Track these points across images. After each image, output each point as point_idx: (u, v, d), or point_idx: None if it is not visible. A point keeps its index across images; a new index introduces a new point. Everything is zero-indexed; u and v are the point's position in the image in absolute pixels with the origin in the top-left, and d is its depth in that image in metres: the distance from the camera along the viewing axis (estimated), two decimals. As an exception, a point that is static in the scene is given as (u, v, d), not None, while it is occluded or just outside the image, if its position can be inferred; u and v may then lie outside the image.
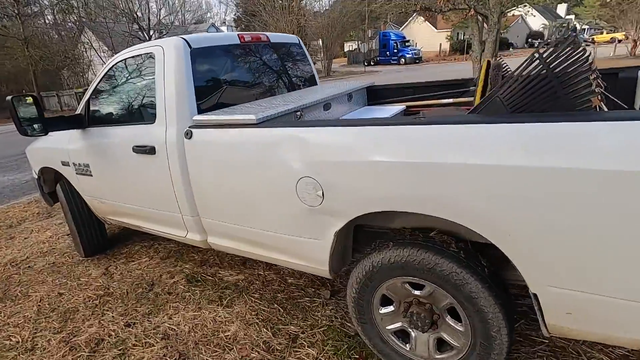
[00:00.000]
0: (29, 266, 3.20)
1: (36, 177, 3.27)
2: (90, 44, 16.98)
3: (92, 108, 2.55)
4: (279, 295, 2.38)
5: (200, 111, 2.06)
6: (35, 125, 2.30)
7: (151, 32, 17.06)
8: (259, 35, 2.57)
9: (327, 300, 2.27)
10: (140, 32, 16.81)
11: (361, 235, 1.85)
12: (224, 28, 33.08)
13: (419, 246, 1.46)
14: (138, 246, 3.32)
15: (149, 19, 16.89)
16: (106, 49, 17.88)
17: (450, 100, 2.54)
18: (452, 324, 1.51)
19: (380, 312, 1.67)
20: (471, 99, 2.45)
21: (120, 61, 2.34)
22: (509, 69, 2.43)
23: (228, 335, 2.07)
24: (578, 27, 46.76)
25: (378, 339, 1.71)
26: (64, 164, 2.79)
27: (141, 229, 2.67)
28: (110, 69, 2.40)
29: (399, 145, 1.33)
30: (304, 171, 1.56)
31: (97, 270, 2.98)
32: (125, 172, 2.35)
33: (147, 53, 2.17)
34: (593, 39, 34.27)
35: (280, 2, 22.72)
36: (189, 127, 1.95)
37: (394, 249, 1.51)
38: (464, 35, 34.99)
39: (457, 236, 1.50)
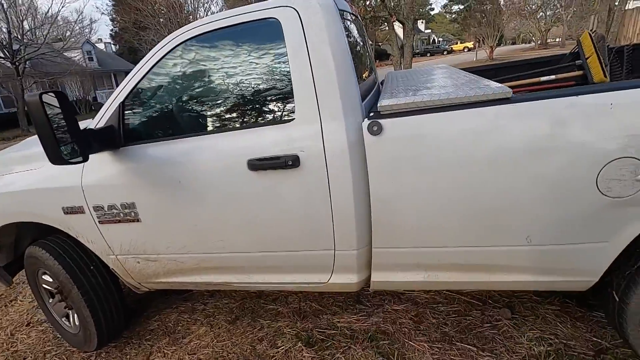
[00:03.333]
0: (-11, 392, 1.94)
1: (-15, 243, 2.02)
2: None
3: (133, 116, 1.63)
4: (446, 329, 1.85)
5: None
6: (63, 147, 1.32)
7: (15, 48, 13.47)
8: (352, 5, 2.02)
9: (510, 321, 1.85)
10: None
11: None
12: (101, 45, 28.78)
13: None
14: (173, 314, 2.32)
15: (9, 32, 13.29)
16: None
17: (553, 77, 2.40)
18: None
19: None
20: (576, 73, 2.35)
21: (194, 38, 1.52)
22: (607, 41, 2.40)
23: (446, 404, 1.47)
24: (436, 39, 55.21)
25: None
26: (70, 211, 1.74)
27: (228, 287, 1.82)
28: (170, 52, 1.54)
29: None
30: (619, 151, 1.15)
31: (130, 366, 1.95)
32: (225, 203, 1.53)
33: (261, 20, 1.44)
34: (452, 48, 40.69)
35: (164, 18, 20.88)
36: (373, 119, 1.33)
37: None
38: (351, 48, 37.51)
39: None
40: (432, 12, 59.02)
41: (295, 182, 1.44)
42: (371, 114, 1.37)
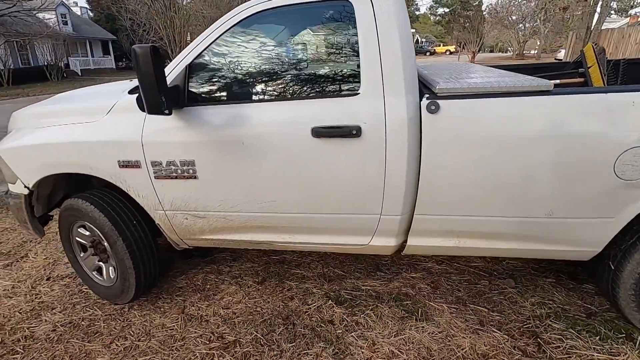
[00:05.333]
0: (22, 336, 1.99)
1: (25, 192, 2.04)
2: None
3: (198, 78, 1.73)
4: (459, 294, 2.10)
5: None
6: (151, 100, 1.41)
7: None
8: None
9: (514, 290, 2.12)
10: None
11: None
12: (76, 10, 27.09)
13: None
14: (200, 274, 2.44)
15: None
16: None
17: (557, 82, 2.67)
18: None
19: (658, 283, 1.65)
20: (578, 80, 2.64)
21: (270, 10, 1.63)
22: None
23: (466, 350, 1.71)
24: (419, 39, 56.17)
25: (654, 311, 1.68)
26: (126, 165, 1.82)
27: (269, 246, 1.97)
28: (243, 20, 1.65)
29: None
30: (635, 141, 1.40)
31: (165, 317, 2.06)
32: (285, 165, 1.68)
33: (335, 1, 1.58)
34: (434, 49, 41.65)
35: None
36: (432, 99, 1.52)
37: None
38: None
39: None
40: (417, 12, 59.99)
41: (354, 151, 1.60)
42: (427, 95, 1.56)
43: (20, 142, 1.97)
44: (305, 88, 1.67)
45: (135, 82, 2.32)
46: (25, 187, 2.02)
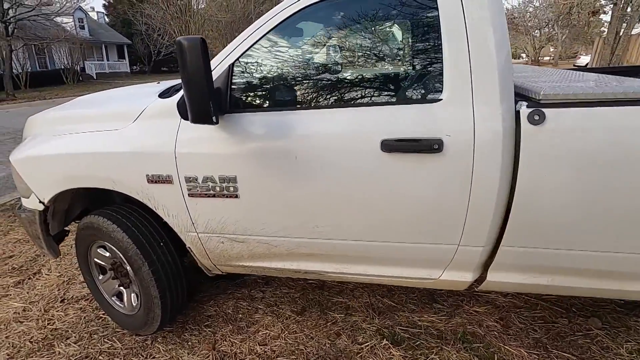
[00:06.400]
0: (33, 373, 1.74)
1: (40, 208, 1.79)
2: None
3: (243, 80, 1.47)
4: (537, 335, 1.78)
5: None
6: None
7: (6, 7, 12.47)
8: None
9: (601, 331, 1.80)
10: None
11: None
12: (93, 15, 27.44)
13: None
14: (230, 300, 2.17)
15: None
16: None
17: None
18: None
19: None
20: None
21: (322, 2, 1.37)
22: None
23: (563, 414, 1.40)
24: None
25: None
26: (156, 180, 1.56)
27: (319, 276, 1.69)
28: (299, 12, 1.39)
29: None
30: None
31: (194, 354, 1.79)
32: (346, 185, 1.40)
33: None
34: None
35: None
36: (534, 107, 1.23)
37: None
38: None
39: None
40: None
41: (433, 169, 1.32)
42: (526, 103, 1.27)
43: (34, 152, 1.73)
44: (373, 93, 1.40)
45: (163, 85, 2.08)
46: (40, 202, 1.78)
